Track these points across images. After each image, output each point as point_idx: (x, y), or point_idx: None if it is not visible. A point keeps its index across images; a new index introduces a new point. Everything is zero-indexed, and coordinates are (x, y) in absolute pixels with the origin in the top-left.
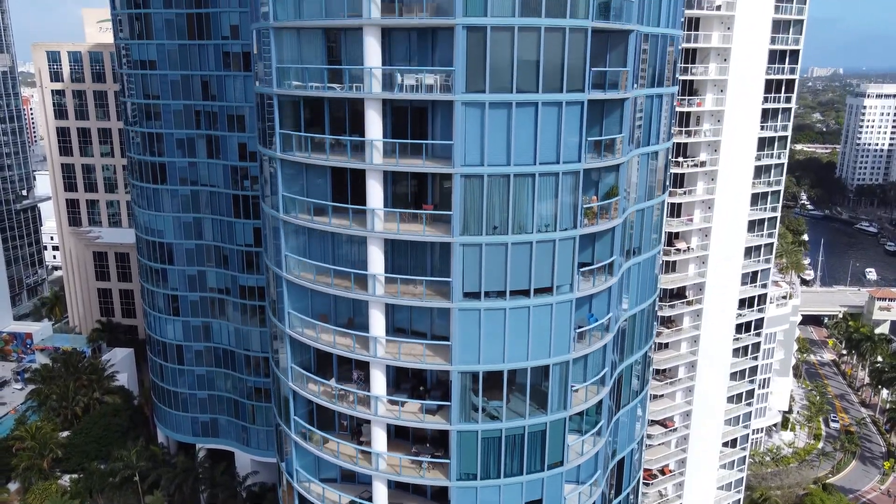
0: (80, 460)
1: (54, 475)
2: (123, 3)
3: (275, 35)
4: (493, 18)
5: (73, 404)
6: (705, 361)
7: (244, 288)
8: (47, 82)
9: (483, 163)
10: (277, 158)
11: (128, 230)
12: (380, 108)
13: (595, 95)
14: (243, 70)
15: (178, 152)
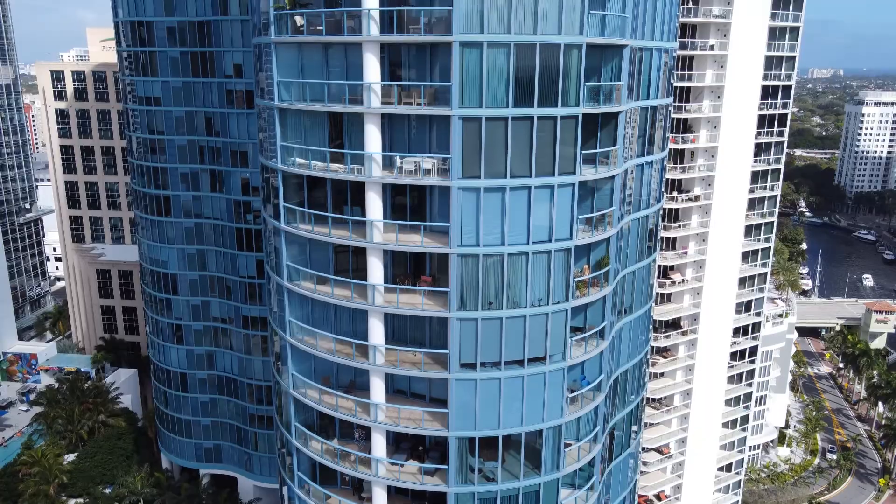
0: (86, 485)
1: (60, 500)
2: (129, 41)
3: (279, 115)
4: (488, 109)
5: (78, 428)
6: (700, 389)
7: (247, 318)
8: (51, 101)
9: (479, 243)
10: (282, 230)
11: (130, 247)
12: (380, 190)
13: (587, 176)
14: (246, 108)
15: (183, 186)
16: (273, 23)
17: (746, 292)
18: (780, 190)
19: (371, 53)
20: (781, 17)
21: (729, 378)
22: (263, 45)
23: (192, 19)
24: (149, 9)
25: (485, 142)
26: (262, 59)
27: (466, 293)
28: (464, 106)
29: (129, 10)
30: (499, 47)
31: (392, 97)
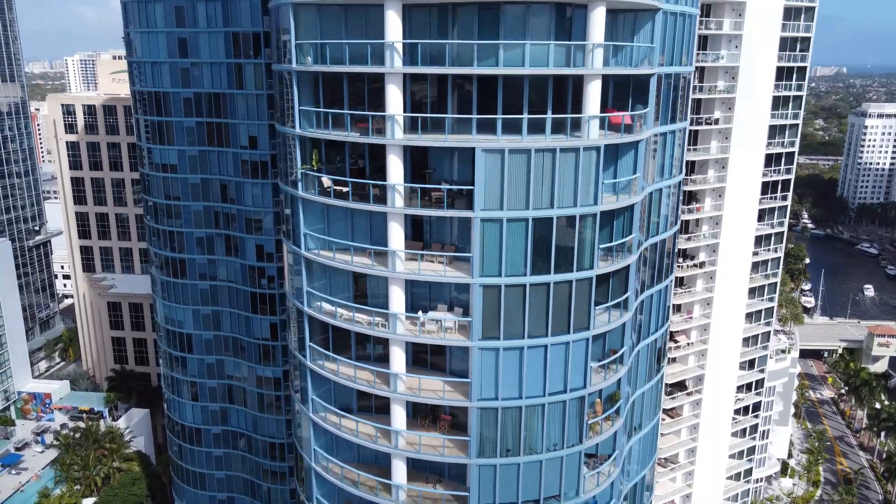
0: None
1: None
2: (146, 110)
3: (305, 263)
4: (507, 278)
5: (93, 473)
6: (705, 446)
7: (260, 378)
8: (62, 134)
9: (497, 397)
10: (308, 367)
11: (140, 277)
12: (403, 346)
13: (599, 329)
14: (261, 178)
15: (198, 250)
16: (301, 190)
17: (751, 350)
18: (783, 251)
19: (396, 222)
20: (784, 88)
21: (733, 433)
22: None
23: (207, 91)
24: (165, 80)
25: (504, 306)
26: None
27: (486, 442)
28: (484, 275)
29: (145, 81)
30: (517, 222)
31: (415, 265)
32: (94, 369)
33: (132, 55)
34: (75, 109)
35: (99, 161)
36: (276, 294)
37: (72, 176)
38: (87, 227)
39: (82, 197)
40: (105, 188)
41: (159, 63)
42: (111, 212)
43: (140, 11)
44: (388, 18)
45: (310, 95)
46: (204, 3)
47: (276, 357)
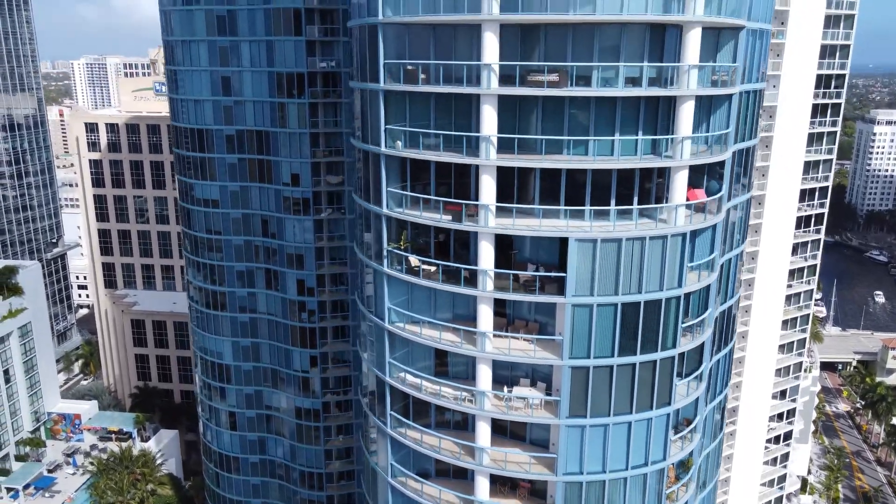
0: None
1: None
2: (188, 146)
3: (388, 336)
4: (595, 360)
5: (128, 498)
6: (738, 475)
7: (299, 409)
8: (85, 152)
9: (582, 471)
10: (388, 434)
11: (162, 293)
12: (489, 421)
13: (679, 404)
14: (303, 214)
15: (238, 283)
16: (386, 266)
17: (783, 381)
18: (815, 283)
19: (485, 305)
20: (819, 124)
21: (765, 462)
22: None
23: (250, 128)
24: (207, 117)
25: (591, 386)
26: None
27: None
28: (573, 357)
29: (188, 118)
30: (607, 306)
31: (502, 343)
32: (115, 385)
33: (174, 92)
34: (98, 128)
35: (121, 178)
36: (316, 328)
37: (94, 193)
38: (109, 244)
39: (105, 214)
40: (127, 205)
41: (202, 101)
42: (133, 229)
43: (184, 50)
44: (484, 112)
45: (397, 175)
46: (248, 43)
47: (315, 388)
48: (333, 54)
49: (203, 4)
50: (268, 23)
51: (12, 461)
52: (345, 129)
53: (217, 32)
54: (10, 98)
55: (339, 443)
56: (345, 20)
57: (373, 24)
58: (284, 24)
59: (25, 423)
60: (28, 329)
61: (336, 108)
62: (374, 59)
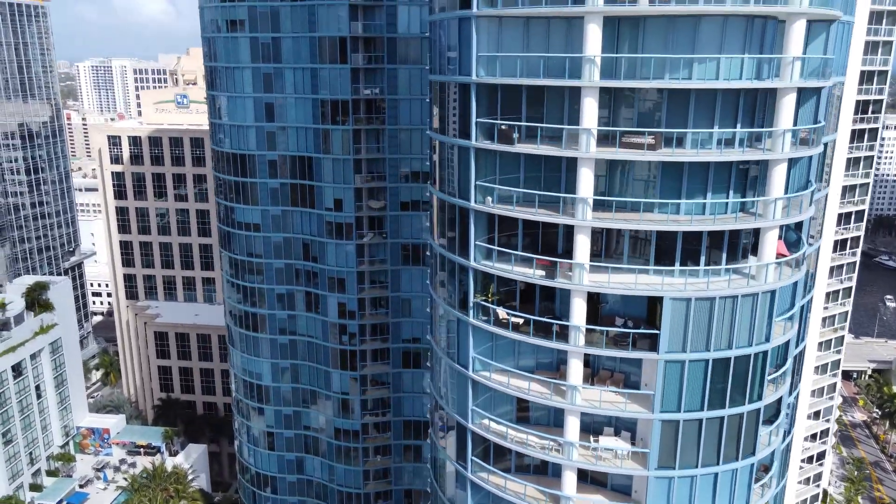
0: None
1: None
2: (229, 171)
3: (472, 384)
4: (685, 413)
5: None
6: None
7: (339, 430)
8: (107, 164)
9: None
10: (468, 479)
11: (183, 305)
12: (576, 470)
13: (762, 454)
14: (345, 239)
15: (279, 305)
16: (472, 317)
17: (818, 402)
18: (850, 305)
19: (576, 359)
20: (856, 149)
21: (798, 482)
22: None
23: (293, 154)
24: (251, 143)
25: (681, 439)
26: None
27: None
28: (664, 410)
29: (231, 143)
30: (698, 362)
31: (591, 394)
32: (136, 396)
33: (217, 117)
34: (121, 140)
35: (144, 191)
36: (357, 350)
37: (116, 206)
38: (130, 255)
39: (127, 225)
40: (149, 217)
41: (245, 126)
42: (155, 240)
43: (227, 76)
44: (582, 174)
45: (484, 228)
46: (292, 70)
47: (354, 410)
48: (376, 81)
49: (248, 32)
50: (312, 50)
51: (43, 476)
52: (387, 154)
53: (261, 59)
54: (26, 106)
55: (377, 463)
56: (389, 48)
57: (465, 83)
58: (329, 51)
59: (56, 437)
60: (58, 344)
61: (378, 135)
62: (464, 116)
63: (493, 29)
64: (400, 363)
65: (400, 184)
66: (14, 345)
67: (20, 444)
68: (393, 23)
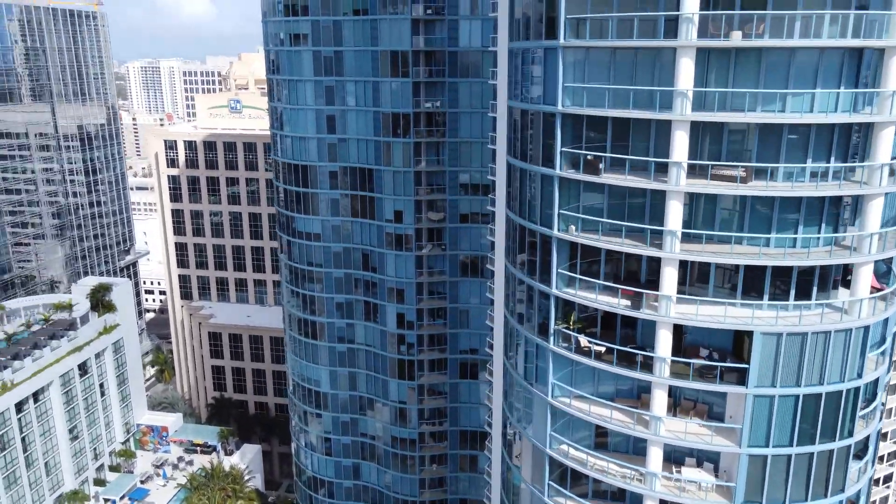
0: None
1: None
2: (290, 181)
3: (551, 409)
4: (773, 449)
5: None
6: None
7: (395, 438)
8: (164, 168)
9: None
10: (545, 503)
11: (235, 306)
12: (657, 501)
13: (851, 491)
14: (404, 250)
15: (337, 314)
16: (553, 343)
17: (888, 422)
18: None
19: (660, 390)
20: None
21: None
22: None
23: (353, 165)
24: (312, 154)
25: (768, 475)
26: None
27: None
28: (751, 445)
29: (292, 154)
30: (788, 398)
31: (674, 424)
32: (189, 394)
33: (279, 128)
34: (177, 145)
35: (198, 194)
36: (414, 360)
37: (172, 208)
38: (185, 257)
39: (181, 228)
40: (203, 220)
41: (307, 138)
42: (209, 243)
43: (290, 89)
44: (671, 207)
45: (566, 255)
46: (354, 83)
47: (412, 419)
48: (437, 94)
49: (311, 45)
50: (374, 64)
51: (106, 471)
52: (447, 167)
53: (323, 72)
54: (84, 109)
55: (433, 472)
56: (450, 62)
57: (550, 113)
58: (391, 65)
59: (117, 434)
60: (121, 344)
61: (438, 147)
62: (549, 145)
63: (579, 59)
64: (457, 374)
65: (459, 196)
66: (80, 344)
67: (85, 439)
68: (454, 36)
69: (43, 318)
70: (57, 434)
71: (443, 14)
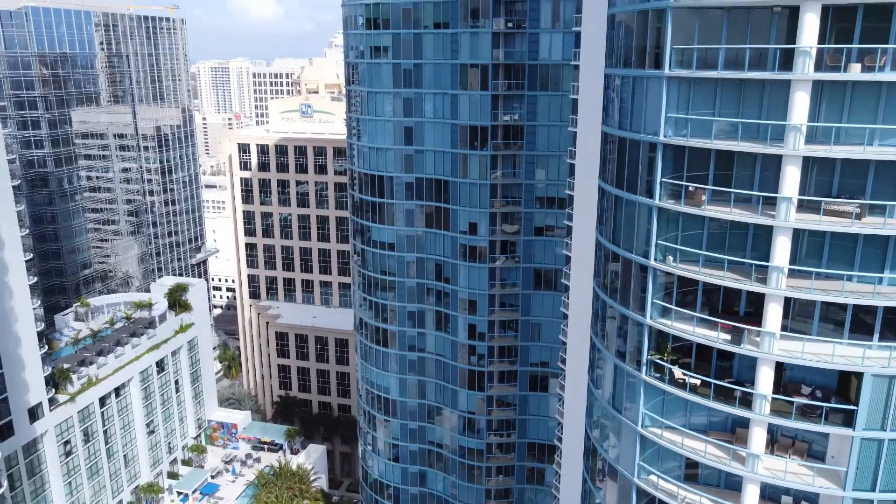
0: None
1: None
2: (366, 191)
3: (640, 438)
4: (880, 494)
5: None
6: None
7: (463, 448)
8: (237, 171)
9: None
10: None
11: (301, 306)
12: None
13: None
14: (478, 262)
15: (409, 323)
16: (645, 373)
17: None
18: None
19: (759, 427)
20: None
21: None
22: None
23: (429, 176)
24: (389, 165)
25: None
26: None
27: None
28: (856, 489)
29: (367, 164)
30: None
31: (773, 463)
32: (256, 390)
33: (356, 138)
34: (250, 148)
35: (269, 197)
36: (485, 371)
37: (243, 210)
38: (254, 257)
39: (252, 229)
40: (273, 221)
41: (384, 149)
42: (277, 244)
43: (369, 100)
44: (778, 243)
45: (661, 285)
46: (432, 95)
47: (481, 430)
48: (515, 107)
49: (391, 58)
50: (453, 77)
51: (179, 465)
52: (524, 180)
53: (403, 84)
54: (162, 111)
55: (500, 483)
56: (529, 75)
57: (651, 143)
58: (471, 78)
59: (190, 429)
60: (195, 342)
61: (514, 160)
62: (648, 175)
63: (683, 89)
64: (527, 386)
65: (535, 209)
66: (159, 342)
67: (161, 434)
68: (534, 49)
69: (125, 317)
70: (135, 428)
71: (523, 27)
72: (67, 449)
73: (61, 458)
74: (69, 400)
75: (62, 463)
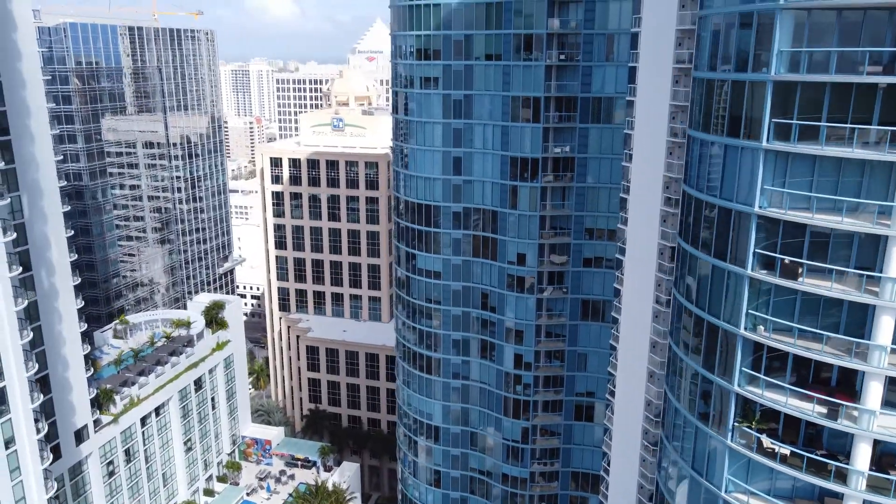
0: None
1: None
2: (412, 219)
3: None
4: None
5: None
6: None
7: (506, 476)
8: (268, 184)
9: None
10: None
11: (330, 319)
12: None
13: None
14: (526, 293)
15: (454, 350)
16: (730, 440)
17: None
18: None
19: (854, 500)
20: None
21: None
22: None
23: (478, 206)
24: (437, 194)
25: None
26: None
27: None
28: None
29: (414, 192)
30: None
31: None
32: (284, 403)
33: (403, 167)
34: (282, 162)
35: (300, 211)
36: (530, 401)
37: (274, 223)
38: (285, 270)
39: (283, 243)
40: (304, 235)
41: (432, 178)
42: (308, 257)
43: (418, 130)
44: (881, 322)
45: (749, 351)
46: (482, 126)
47: (524, 458)
48: (567, 140)
49: (441, 89)
50: (504, 108)
51: (214, 482)
52: (573, 212)
53: (452, 115)
54: (191, 121)
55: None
56: (582, 107)
57: (745, 213)
58: (522, 110)
59: (225, 446)
60: (231, 359)
61: (564, 192)
62: (739, 244)
63: (780, 162)
64: (572, 416)
65: (584, 241)
66: (197, 360)
67: (198, 451)
68: (587, 82)
69: (165, 335)
70: (174, 446)
71: (577, 60)
72: (110, 469)
73: (104, 479)
74: (112, 421)
75: (105, 483)
